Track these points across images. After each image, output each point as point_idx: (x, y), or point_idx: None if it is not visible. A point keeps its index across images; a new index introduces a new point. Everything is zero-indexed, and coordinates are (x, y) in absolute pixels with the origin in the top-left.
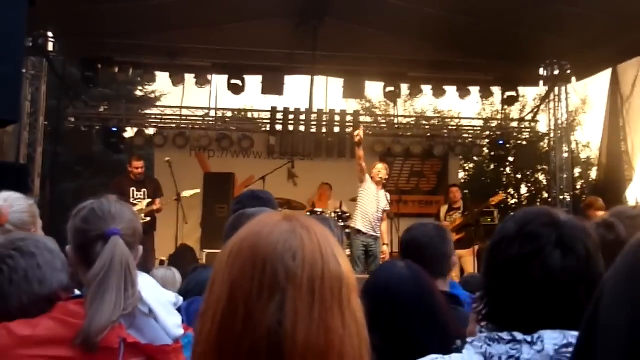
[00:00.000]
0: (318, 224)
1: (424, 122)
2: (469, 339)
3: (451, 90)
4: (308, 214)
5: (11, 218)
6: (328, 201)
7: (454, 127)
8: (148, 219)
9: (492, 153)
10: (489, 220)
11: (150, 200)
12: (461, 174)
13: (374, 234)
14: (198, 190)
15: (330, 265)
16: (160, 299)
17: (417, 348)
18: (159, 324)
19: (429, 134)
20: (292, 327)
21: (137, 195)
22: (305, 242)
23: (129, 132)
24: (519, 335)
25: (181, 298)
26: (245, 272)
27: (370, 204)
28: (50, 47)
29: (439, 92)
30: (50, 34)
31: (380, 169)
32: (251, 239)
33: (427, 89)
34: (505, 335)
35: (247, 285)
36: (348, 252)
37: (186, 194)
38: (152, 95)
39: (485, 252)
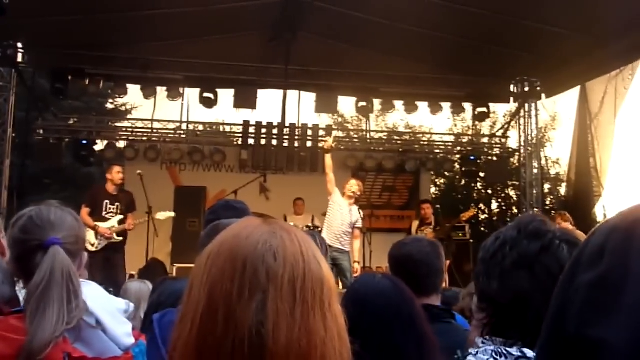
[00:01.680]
0: (297, 229)
1: (396, 138)
2: (471, 350)
3: (423, 105)
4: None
5: None
6: (299, 215)
7: (426, 143)
8: (120, 238)
9: (464, 168)
10: (461, 235)
11: (122, 217)
12: (433, 189)
13: (340, 247)
14: (173, 214)
15: (312, 266)
16: (108, 307)
17: (396, 355)
18: (108, 335)
19: (401, 149)
20: (274, 328)
21: (110, 208)
22: (286, 242)
23: (100, 145)
24: (529, 353)
25: (132, 305)
26: (224, 273)
27: (335, 216)
28: (20, 57)
29: (411, 108)
30: (20, 45)
31: (353, 184)
32: (230, 241)
33: (399, 104)
34: (514, 351)
35: (227, 286)
36: None
37: (160, 216)
38: (123, 108)
39: (481, 262)
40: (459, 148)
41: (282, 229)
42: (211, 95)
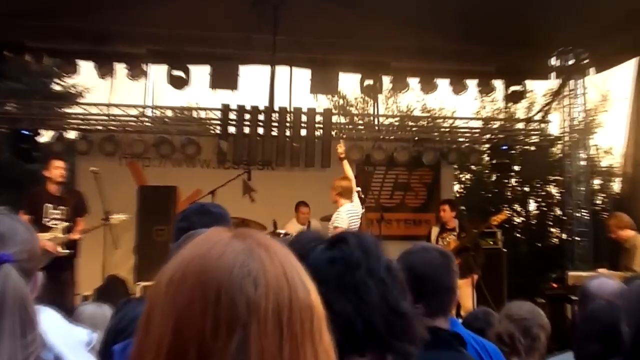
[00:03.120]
0: (276, 242)
1: (411, 123)
2: None
3: (443, 84)
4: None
5: None
6: (303, 225)
7: (447, 130)
8: (68, 251)
9: (494, 161)
10: (491, 242)
11: (68, 224)
12: (456, 187)
13: None
14: (126, 217)
15: (299, 293)
16: (68, 340)
17: None
18: None
19: (416, 138)
20: None
21: (52, 214)
22: (266, 264)
23: (45, 136)
24: None
25: (95, 335)
26: (193, 306)
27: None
28: None
29: (428, 87)
30: None
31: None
32: (197, 263)
33: (414, 82)
34: None
35: (198, 323)
36: None
37: (114, 220)
38: (74, 91)
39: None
40: (488, 136)
41: (259, 245)
42: (182, 74)
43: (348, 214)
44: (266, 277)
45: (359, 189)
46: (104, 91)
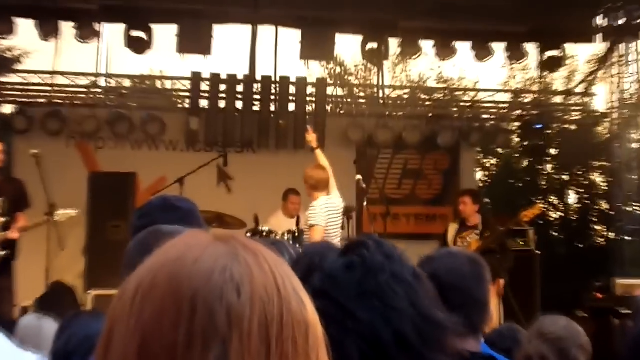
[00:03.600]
0: (266, 248)
1: (424, 97)
2: None
3: (464, 48)
4: (249, 235)
5: None
6: (292, 218)
7: (469, 104)
8: (4, 252)
9: (526, 143)
10: (521, 243)
11: (4, 220)
12: (479, 175)
13: None
14: (75, 212)
15: (292, 305)
16: None
17: None
18: None
19: (430, 114)
20: None
21: None
22: (253, 270)
23: None
24: None
25: None
26: (163, 316)
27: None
28: None
29: (445, 51)
30: None
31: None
32: (170, 268)
33: (427, 45)
34: None
35: (169, 336)
36: None
37: (59, 216)
38: (9, 55)
39: None
40: (518, 112)
41: (246, 249)
42: (143, 34)
43: (325, 209)
44: (252, 284)
45: (359, 177)
46: (46, 56)
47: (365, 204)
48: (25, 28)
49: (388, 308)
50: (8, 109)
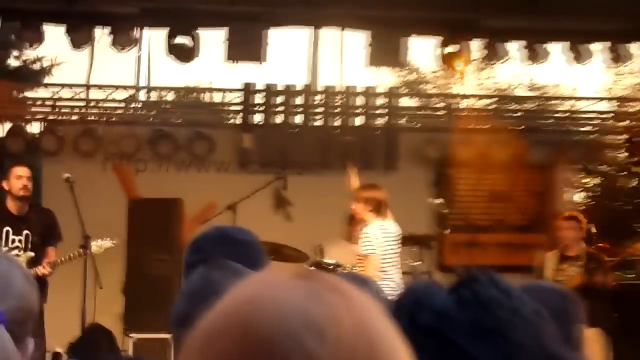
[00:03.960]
0: (353, 286)
1: (512, 107)
2: None
3: (558, 49)
4: (312, 268)
5: None
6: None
7: (565, 115)
8: None
9: (635, 159)
10: (632, 276)
11: (33, 255)
12: (578, 196)
13: None
14: (112, 243)
15: (383, 351)
16: None
17: None
18: None
19: (520, 127)
20: None
21: (13, 240)
22: (338, 312)
23: None
24: None
25: None
26: None
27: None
28: None
29: (536, 54)
30: None
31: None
32: (242, 311)
33: (514, 47)
34: None
35: None
36: None
37: (95, 248)
38: (38, 66)
39: None
40: (624, 123)
41: (330, 287)
42: (187, 41)
43: (382, 236)
44: (338, 330)
45: (439, 200)
46: (79, 67)
47: (446, 231)
48: (55, 36)
49: (510, 345)
50: (36, 127)
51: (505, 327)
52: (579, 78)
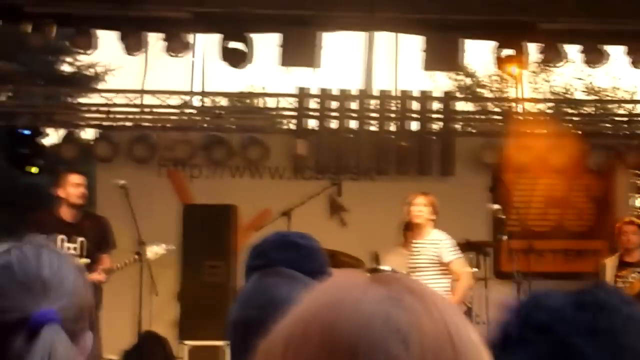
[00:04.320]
0: (433, 290)
1: (570, 111)
2: None
3: (618, 52)
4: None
5: None
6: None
7: (625, 119)
8: None
9: None
10: None
11: (87, 262)
12: (639, 202)
13: None
14: (166, 249)
15: (468, 356)
16: None
17: None
18: None
19: (579, 132)
20: None
21: (68, 249)
22: (421, 318)
23: (52, 137)
24: None
25: None
26: None
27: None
28: None
29: (595, 57)
30: None
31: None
32: (324, 316)
33: (574, 50)
34: None
35: None
36: None
37: (149, 253)
38: (92, 72)
39: None
40: None
41: (410, 292)
42: (241, 46)
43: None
44: (421, 335)
45: (496, 206)
46: (132, 73)
47: (503, 237)
48: (108, 42)
49: (620, 348)
50: (89, 133)
51: (618, 330)
52: (638, 80)
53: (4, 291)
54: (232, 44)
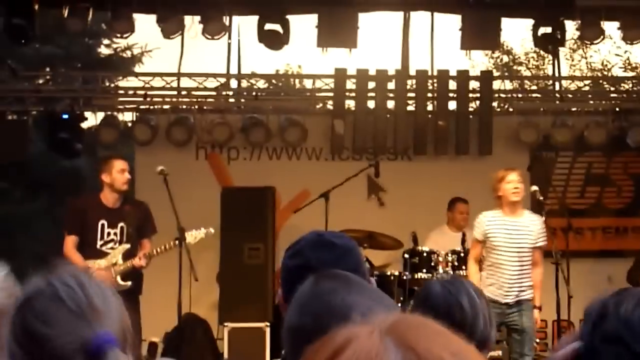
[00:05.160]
0: (453, 340)
1: (609, 88)
2: None
3: None
4: (407, 255)
5: None
6: (459, 231)
7: None
8: (129, 283)
9: None
10: None
11: (128, 247)
12: None
13: (514, 298)
14: (206, 232)
15: None
16: None
17: None
18: None
19: (618, 109)
20: None
21: (109, 234)
22: None
23: (90, 120)
24: None
25: None
26: None
27: (499, 248)
28: None
29: (633, 33)
30: None
31: (516, 181)
32: None
33: (612, 27)
34: None
35: None
36: None
37: (189, 237)
38: (129, 55)
39: None
40: None
41: (413, 354)
42: (278, 27)
43: None
44: None
45: (535, 188)
46: (170, 56)
47: (542, 217)
48: (146, 25)
49: None
50: (128, 116)
51: None
52: None
53: (59, 321)
54: (269, 26)
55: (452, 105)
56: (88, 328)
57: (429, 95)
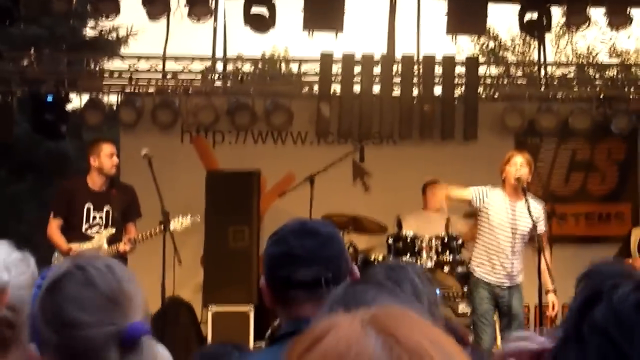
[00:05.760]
0: (433, 330)
1: (593, 75)
2: None
3: None
4: (391, 240)
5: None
6: (436, 212)
7: None
8: None
9: None
10: None
11: (113, 230)
12: None
13: (506, 281)
14: (189, 221)
15: None
16: None
17: None
18: None
19: (602, 96)
20: None
21: (94, 218)
22: None
23: (75, 102)
24: None
25: None
26: None
27: (497, 228)
28: None
29: (619, 19)
30: None
31: (518, 162)
32: None
33: (597, 13)
34: None
35: None
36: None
37: (176, 224)
38: (114, 37)
39: None
40: None
41: (408, 351)
42: (264, 10)
43: None
44: None
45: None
46: (156, 38)
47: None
48: (131, 6)
49: None
50: (113, 98)
51: None
52: None
53: (93, 306)
54: (256, 9)
55: (437, 90)
56: (122, 315)
57: (415, 80)
